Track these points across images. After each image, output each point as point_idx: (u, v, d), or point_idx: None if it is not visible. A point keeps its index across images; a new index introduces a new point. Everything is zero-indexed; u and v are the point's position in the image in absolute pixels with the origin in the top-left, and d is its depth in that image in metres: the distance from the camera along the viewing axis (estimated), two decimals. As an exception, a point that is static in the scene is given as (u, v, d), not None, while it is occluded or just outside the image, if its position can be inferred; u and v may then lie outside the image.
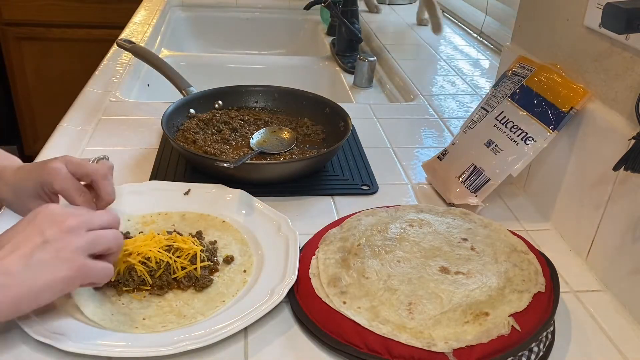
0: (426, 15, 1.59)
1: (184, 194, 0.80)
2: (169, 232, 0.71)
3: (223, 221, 0.76)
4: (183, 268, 0.65)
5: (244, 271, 0.68)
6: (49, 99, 2.57)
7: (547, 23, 0.84)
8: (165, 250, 0.65)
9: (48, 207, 0.57)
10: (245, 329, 0.60)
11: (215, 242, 0.72)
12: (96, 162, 0.73)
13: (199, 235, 0.72)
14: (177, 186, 0.81)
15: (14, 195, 0.69)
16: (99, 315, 0.60)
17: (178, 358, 0.57)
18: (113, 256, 0.60)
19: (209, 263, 0.67)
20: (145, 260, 0.64)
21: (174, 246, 0.66)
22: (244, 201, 0.78)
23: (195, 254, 0.66)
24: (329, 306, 0.60)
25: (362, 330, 0.57)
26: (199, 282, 0.65)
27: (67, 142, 0.95)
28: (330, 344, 0.58)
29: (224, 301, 0.64)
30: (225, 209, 0.78)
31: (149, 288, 0.64)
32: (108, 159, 0.77)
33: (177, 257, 0.65)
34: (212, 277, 0.66)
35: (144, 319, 0.60)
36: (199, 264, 0.65)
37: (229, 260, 0.69)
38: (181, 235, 0.70)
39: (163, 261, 0.64)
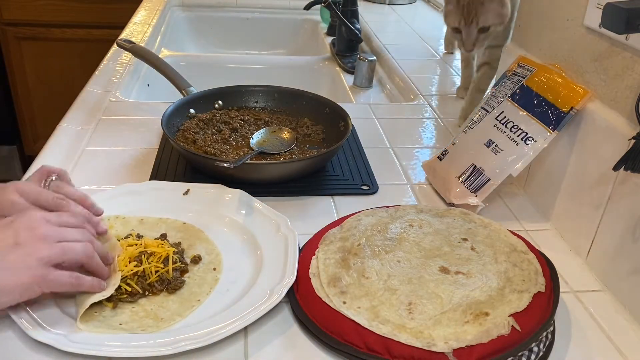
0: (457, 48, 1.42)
1: (183, 194, 0.80)
2: (139, 237, 0.70)
3: (184, 223, 0.76)
4: (155, 272, 0.65)
5: (214, 269, 0.69)
6: (49, 99, 2.57)
7: (547, 23, 0.84)
8: (137, 256, 0.65)
9: (29, 211, 0.60)
10: (245, 328, 0.60)
11: (180, 243, 0.71)
12: (47, 185, 0.69)
13: (163, 237, 0.72)
14: (176, 186, 0.81)
15: None
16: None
17: (178, 358, 0.57)
18: (96, 273, 0.62)
19: (180, 264, 0.67)
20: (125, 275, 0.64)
21: (148, 251, 0.66)
22: (243, 201, 0.78)
23: (168, 256, 0.66)
24: (329, 306, 0.60)
25: (362, 330, 0.57)
26: (171, 284, 0.65)
27: (67, 142, 0.95)
28: (330, 343, 0.58)
29: (199, 300, 0.64)
30: (225, 209, 0.78)
31: (125, 296, 0.63)
32: (57, 177, 0.70)
33: (149, 262, 0.65)
34: (183, 278, 0.66)
35: (120, 324, 0.60)
36: (170, 266, 0.65)
37: (196, 260, 0.69)
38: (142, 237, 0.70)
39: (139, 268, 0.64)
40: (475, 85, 1.11)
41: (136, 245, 0.66)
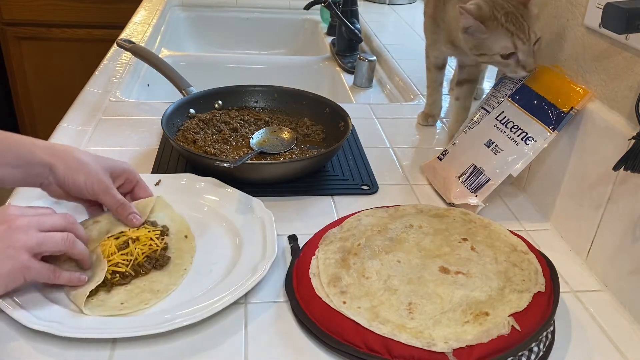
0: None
1: (155, 185, 0.80)
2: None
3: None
4: (142, 253, 0.66)
5: (185, 236, 0.71)
6: (49, 99, 2.57)
7: (547, 23, 0.84)
8: (123, 244, 0.66)
9: (4, 207, 0.60)
10: (245, 328, 0.60)
11: (155, 222, 0.72)
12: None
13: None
14: (148, 177, 0.81)
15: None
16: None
17: (177, 359, 0.57)
18: (80, 260, 0.63)
19: (165, 244, 0.69)
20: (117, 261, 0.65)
21: (132, 237, 0.67)
22: (215, 188, 0.80)
23: (151, 238, 0.68)
24: (329, 306, 0.60)
25: (362, 330, 0.57)
26: (158, 261, 0.67)
27: (67, 142, 0.95)
28: (330, 343, 0.58)
29: (185, 269, 0.67)
30: (198, 197, 0.79)
31: (118, 278, 0.64)
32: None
33: (135, 247, 0.66)
34: (167, 255, 0.68)
35: (122, 303, 0.61)
36: (161, 246, 0.68)
37: (165, 231, 0.71)
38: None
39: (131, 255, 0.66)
40: (460, 103, 1.01)
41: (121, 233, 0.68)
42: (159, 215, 0.73)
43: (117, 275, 0.64)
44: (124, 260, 0.64)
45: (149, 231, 0.68)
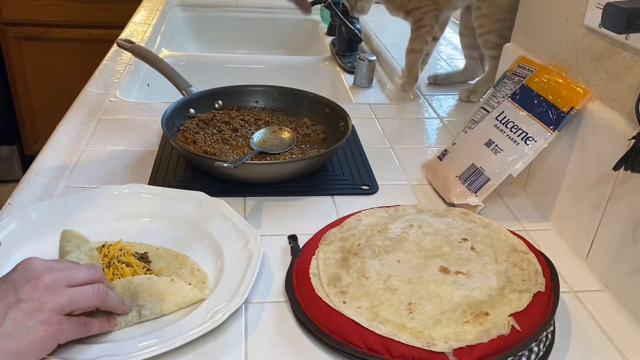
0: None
1: None
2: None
3: (157, 248, 0.71)
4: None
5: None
6: (49, 99, 2.57)
7: (547, 23, 0.84)
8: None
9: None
10: (245, 328, 0.60)
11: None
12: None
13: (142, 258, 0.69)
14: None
15: None
16: None
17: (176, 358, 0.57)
18: (113, 311, 0.58)
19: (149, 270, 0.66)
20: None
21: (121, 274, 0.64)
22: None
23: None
24: (329, 306, 0.60)
25: (362, 330, 0.57)
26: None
27: (67, 142, 0.95)
28: (330, 343, 0.58)
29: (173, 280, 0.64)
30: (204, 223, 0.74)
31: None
32: None
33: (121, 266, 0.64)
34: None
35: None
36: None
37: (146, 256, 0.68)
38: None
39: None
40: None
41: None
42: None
43: None
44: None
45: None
